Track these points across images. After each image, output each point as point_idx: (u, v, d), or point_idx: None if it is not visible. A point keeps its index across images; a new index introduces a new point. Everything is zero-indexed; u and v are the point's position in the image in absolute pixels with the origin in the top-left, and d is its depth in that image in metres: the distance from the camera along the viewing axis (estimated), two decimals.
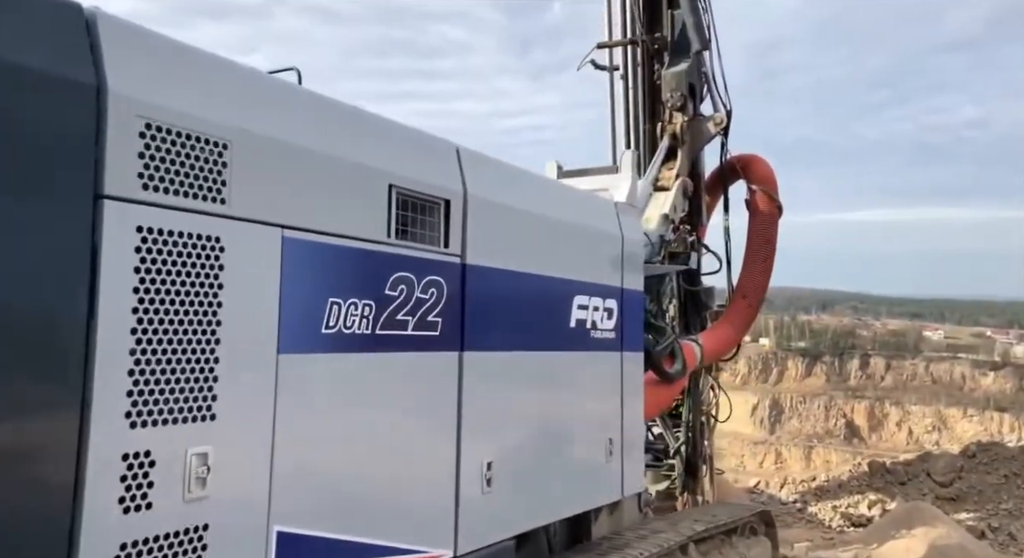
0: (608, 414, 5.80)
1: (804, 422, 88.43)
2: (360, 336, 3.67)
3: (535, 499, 4.96)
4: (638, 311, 6.31)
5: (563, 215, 5.36)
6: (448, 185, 4.32)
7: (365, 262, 3.73)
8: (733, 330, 9.37)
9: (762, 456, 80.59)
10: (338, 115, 3.79)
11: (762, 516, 8.49)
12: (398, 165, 3.98)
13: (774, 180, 10.63)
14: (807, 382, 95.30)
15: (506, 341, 4.71)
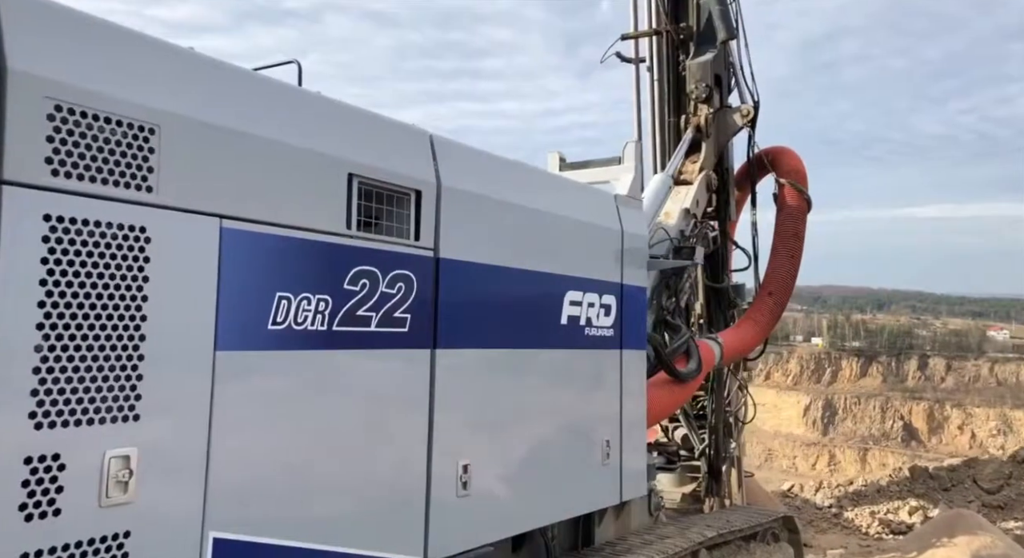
0: (605, 414, 5.58)
1: (859, 423, 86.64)
2: (314, 332, 3.52)
3: (520, 503, 4.76)
4: (640, 308, 6.08)
5: (553, 208, 5.16)
6: (419, 175, 4.15)
7: (320, 255, 3.57)
8: (757, 328, 9.06)
9: (815, 458, 79.17)
10: (290, 101, 3.63)
11: (785, 522, 8.18)
12: (360, 154, 3.82)
13: (804, 173, 10.28)
14: (862, 382, 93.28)
15: (486, 338, 4.53)
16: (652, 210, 8.61)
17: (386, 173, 3.93)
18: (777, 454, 78.30)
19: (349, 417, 3.70)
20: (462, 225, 4.38)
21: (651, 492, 7.12)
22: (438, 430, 4.15)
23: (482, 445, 4.49)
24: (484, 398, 4.53)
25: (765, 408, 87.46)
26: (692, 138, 9.97)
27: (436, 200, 4.21)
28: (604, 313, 5.57)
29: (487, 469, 4.49)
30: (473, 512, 4.38)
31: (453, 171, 4.37)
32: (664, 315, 8.00)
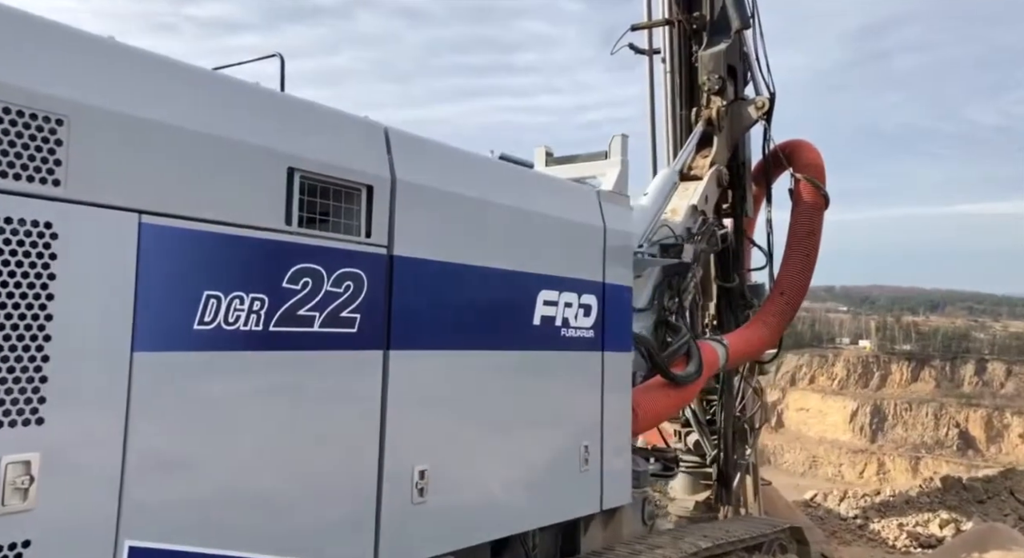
0: (583, 419, 5.47)
1: (910, 430, 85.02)
2: (247, 333, 3.46)
3: (486, 510, 4.68)
4: (625, 308, 5.96)
5: (525, 204, 5.06)
6: (371, 170, 4.08)
7: (254, 252, 3.51)
8: (767, 329, 8.87)
9: (862, 465, 77.91)
10: (223, 93, 3.58)
11: (793, 533, 8.00)
12: (302, 148, 3.76)
13: (821, 167, 10.06)
14: (913, 388, 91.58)
15: (447, 339, 4.45)
16: (655, 206, 8.49)
17: (332, 168, 3.87)
18: (822, 461, 77.23)
19: (287, 419, 3.64)
20: (420, 221, 4.31)
21: (645, 500, 7.01)
22: (391, 434, 4.09)
23: (443, 450, 4.41)
24: (445, 401, 4.45)
25: (809, 413, 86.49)
26: (703, 132, 9.81)
27: (390, 196, 4.15)
28: (583, 313, 5.47)
29: (448, 475, 4.41)
30: (431, 519, 4.30)
31: (410, 166, 4.30)
32: (666, 316, 7.88)
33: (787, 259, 9.49)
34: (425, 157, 4.48)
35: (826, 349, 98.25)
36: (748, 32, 10.36)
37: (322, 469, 3.79)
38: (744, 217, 10.78)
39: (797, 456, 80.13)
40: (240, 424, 3.46)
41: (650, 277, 8.03)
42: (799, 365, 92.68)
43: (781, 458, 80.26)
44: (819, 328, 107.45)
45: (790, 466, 77.34)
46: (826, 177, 10.03)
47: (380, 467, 4.03)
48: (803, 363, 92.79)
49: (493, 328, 4.75)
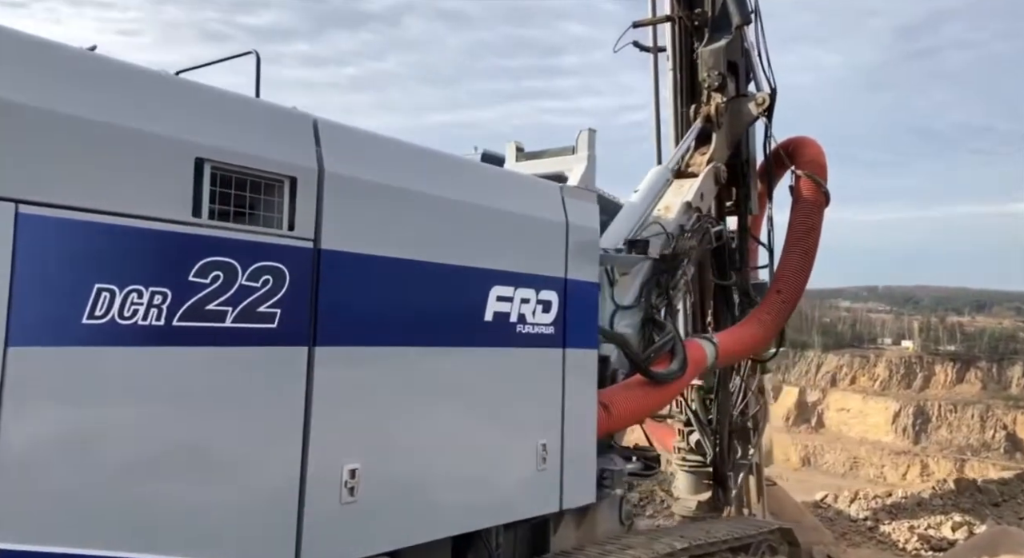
0: (541, 417, 5.28)
1: (955, 432, 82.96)
2: (147, 328, 3.33)
3: (426, 510, 4.50)
4: (590, 304, 5.76)
5: (476, 198, 4.89)
6: (295, 161, 3.94)
7: (156, 244, 3.38)
8: (761, 328, 8.58)
9: (905, 467, 76.14)
10: (120, 80, 3.44)
11: (784, 534, 7.72)
12: (214, 138, 3.63)
13: (823, 164, 9.75)
14: (958, 389, 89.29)
15: (384, 335, 4.29)
16: (645, 203, 8.27)
17: (249, 159, 3.74)
18: (863, 462, 75.63)
19: (194, 416, 3.52)
20: (352, 215, 4.16)
21: (623, 499, 6.81)
22: (316, 432, 3.94)
23: (377, 448, 4.25)
24: (381, 398, 4.28)
25: (850, 414, 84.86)
26: (701, 128, 9.57)
27: (317, 188, 4.01)
28: (542, 309, 5.28)
29: (383, 473, 4.25)
30: (362, 519, 4.14)
31: (341, 158, 4.15)
32: (653, 313, 7.66)
33: (785, 257, 9.20)
34: (359, 149, 4.33)
35: (867, 349, 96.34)
36: (750, 28, 10.15)
37: (235, 469, 3.65)
38: (749, 215, 10.52)
39: (838, 457, 78.55)
40: (140, 421, 3.34)
41: (638, 274, 7.82)
42: (839, 365, 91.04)
43: (821, 459, 78.81)
44: (860, 328, 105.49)
45: (830, 467, 75.89)
46: (827, 174, 9.72)
47: (303, 466, 3.89)
48: (844, 363, 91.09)
49: (437, 324, 4.58)
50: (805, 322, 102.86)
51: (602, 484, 6.37)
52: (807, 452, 79.85)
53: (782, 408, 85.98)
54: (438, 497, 4.56)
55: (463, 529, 4.74)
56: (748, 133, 10.33)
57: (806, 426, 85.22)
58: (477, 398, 4.83)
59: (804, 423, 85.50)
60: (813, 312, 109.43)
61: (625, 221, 7.97)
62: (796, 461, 78.73)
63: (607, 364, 7.05)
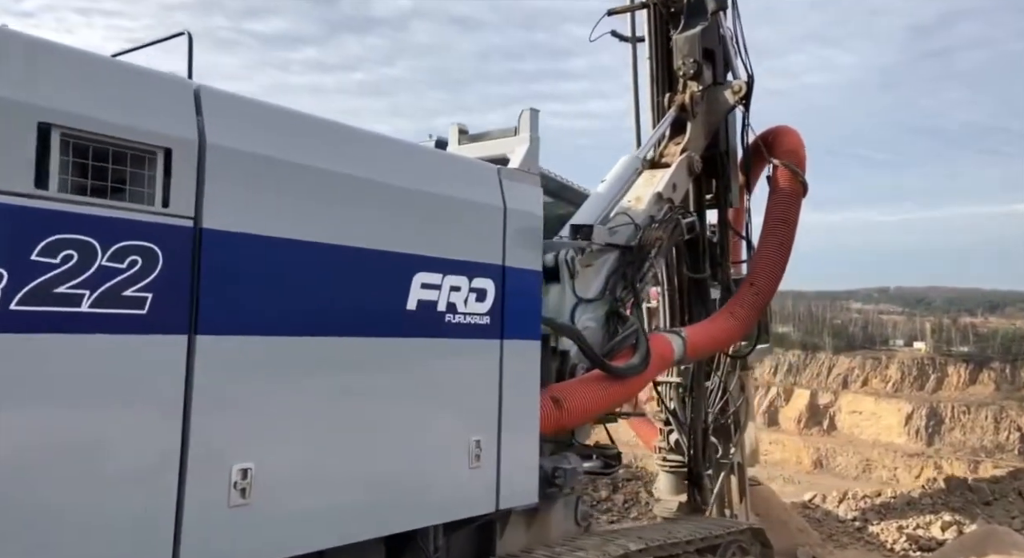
0: (474, 412, 4.86)
1: (969, 434, 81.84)
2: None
3: (333, 513, 4.09)
4: (531, 293, 5.35)
5: (395, 178, 4.48)
6: (169, 131, 3.55)
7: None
8: (735, 322, 8.13)
9: (919, 469, 74.99)
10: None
11: (755, 535, 7.27)
12: (65, 102, 3.24)
13: (801, 154, 9.32)
14: (972, 390, 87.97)
15: (280, 324, 3.88)
16: (611, 193, 7.87)
17: (112, 127, 3.36)
18: (876, 464, 74.54)
19: (40, 413, 3.13)
20: (241, 191, 3.77)
21: (579, 499, 6.39)
22: (198, 430, 3.53)
23: (275, 447, 3.85)
24: (279, 393, 3.87)
25: (862, 416, 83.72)
26: (675, 118, 9.16)
27: (198, 161, 3.62)
28: (476, 298, 4.88)
29: (282, 475, 3.85)
30: (255, 523, 3.74)
31: (228, 129, 3.76)
32: (617, 307, 7.26)
33: (760, 248, 8.77)
34: (251, 121, 3.92)
35: (879, 351, 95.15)
36: (727, 15, 9.79)
37: (96, 469, 3.26)
38: (730, 208, 10.12)
39: (850, 459, 77.50)
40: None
41: (603, 266, 7.43)
42: (851, 367, 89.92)
43: (833, 461, 77.81)
44: (872, 330, 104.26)
45: (843, 469, 74.90)
46: (805, 164, 9.29)
47: (182, 467, 3.49)
48: (855, 365, 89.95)
49: (347, 313, 4.16)
50: (816, 324, 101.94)
51: (553, 483, 5.97)
52: (819, 455, 78.87)
53: (793, 411, 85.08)
54: (347, 499, 4.15)
55: (378, 533, 4.32)
56: (728, 123, 9.92)
57: (818, 429, 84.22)
58: (396, 392, 4.41)
59: (816, 426, 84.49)
60: (824, 314, 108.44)
61: (589, 210, 7.57)
62: (808, 464, 77.81)
63: (567, 358, 6.66)
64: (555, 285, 6.92)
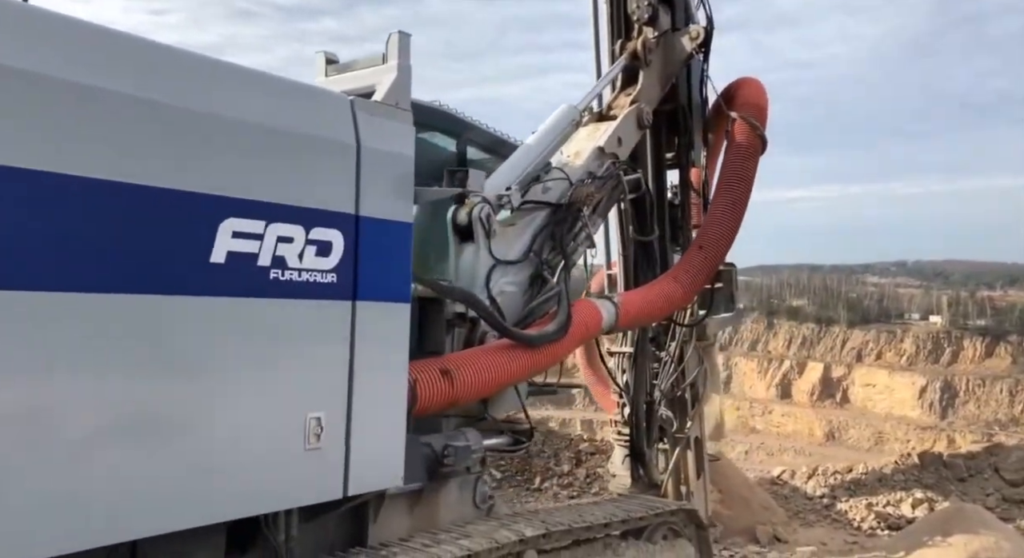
0: (312, 386, 4.11)
1: (983, 407, 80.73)
2: None
3: (110, 506, 3.36)
4: (399, 249, 4.58)
5: (194, 104, 3.68)
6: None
7: None
8: (678, 287, 7.30)
9: (931, 442, 73.88)
10: None
11: (689, 516, 6.51)
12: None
13: (762, 107, 8.46)
14: (988, 364, 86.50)
15: (40, 277, 3.15)
16: (541, 146, 7.07)
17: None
18: (888, 437, 73.58)
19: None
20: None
21: (478, 480, 5.67)
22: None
23: (29, 427, 3.11)
24: (26, 360, 3.14)
25: (876, 389, 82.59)
26: (626, 66, 8.33)
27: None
28: (316, 252, 4.10)
29: (41, 461, 3.11)
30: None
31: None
32: (543, 270, 6.50)
33: (711, 209, 7.95)
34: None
35: (894, 325, 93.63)
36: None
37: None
38: (690, 167, 9.31)
39: (862, 432, 76.62)
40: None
41: (529, 225, 6.67)
42: (866, 341, 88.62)
43: (845, 434, 77.00)
44: (888, 304, 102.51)
45: (855, 442, 74.09)
46: (767, 117, 8.43)
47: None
48: (870, 339, 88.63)
49: (125, 264, 3.40)
50: (831, 298, 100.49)
51: (443, 463, 5.25)
52: (831, 427, 78.05)
53: (807, 383, 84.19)
54: (126, 491, 3.41)
55: (170, 527, 3.57)
56: (689, 75, 9.08)
57: (831, 401, 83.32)
58: (194, 360, 3.64)
59: (829, 398, 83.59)
60: (840, 287, 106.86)
61: (514, 165, 6.79)
62: (820, 436, 77.07)
63: (476, 325, 5.93)
64: (469, 245, 6.16)
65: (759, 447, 73.89)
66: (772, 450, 71.36)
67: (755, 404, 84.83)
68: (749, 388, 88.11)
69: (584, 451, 12.14)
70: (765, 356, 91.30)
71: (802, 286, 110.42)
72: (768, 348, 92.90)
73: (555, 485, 11.48)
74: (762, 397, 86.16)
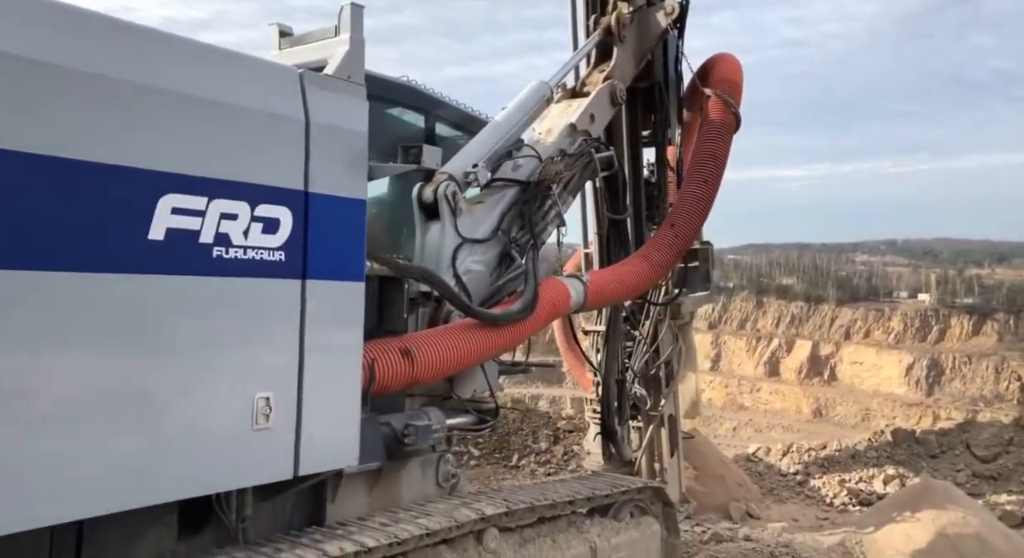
0: (260, 366, 4.00)
1: (969, 384, 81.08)
2: None
3: (43, 487, 3.24)
4: (352, 226, 4.46)
5: (132, 75, 3.54)
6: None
7: None
8: (648, 265, 7.20)
9: (917, 418, 74.29)
10: None
11: (656, 493, 6.46)
12: None
13: (738, 84, 8.32)
14: (974, 341, 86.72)
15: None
16: (510, 123, 6.94)
17: None
18: (875, 414, 73.90)
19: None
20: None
21: (441, 459, 5.60)
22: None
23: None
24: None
25: (863, 367, 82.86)
26: (600, 42, 8.19)
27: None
28: (263, 229, 3.99)
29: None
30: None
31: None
32: (511, 248, 6.40)
33: (684, 186, 7.84)
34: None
35: (883, 303, 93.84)
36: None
37: None
38: (666, 145, 9.19)
39: (849, 409, 77.00)
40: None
41: (497, 203, 6.56)
42: (854, 319, 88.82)
43: (833, 411, 77.40)
44: (876, 282, 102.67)
45: (842, 418, 74.49)
46: (741, 94, 8.30)
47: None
48: (858, 317, 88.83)
49: (56, 242, 3.29)
50: (821, 276, 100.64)
51: (404, 442, 5.17)
52: (819, 404, 78.44)
53: (795, 361, 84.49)
54: (74, 467, 3.31)
55: (114, 508, 3.48)
56: (665, 52, 8.94)
57: (819, 379, 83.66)
58: (136, 339, 3.53)
59: (817, 376, 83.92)
60: (829, 266, 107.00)
61: (482, 141, 6.66)
62: (808, 413, 77.48)
63: (441, 304, 5.83)
64: (435, 223, 6.06)
65: (747, 424, 74.28)
66: (760, 427, 71.74)
67: (743, 382, 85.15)
68: (738, 366, 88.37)
69: (562, 429, 12.11)
70: (754, 334, 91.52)
71: (792, 265, 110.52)
72: (757, 326, 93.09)
73: (533, 463, 11.47)
74: (750, 375, 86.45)
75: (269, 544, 4.24)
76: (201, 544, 4.32)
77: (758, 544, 7.78)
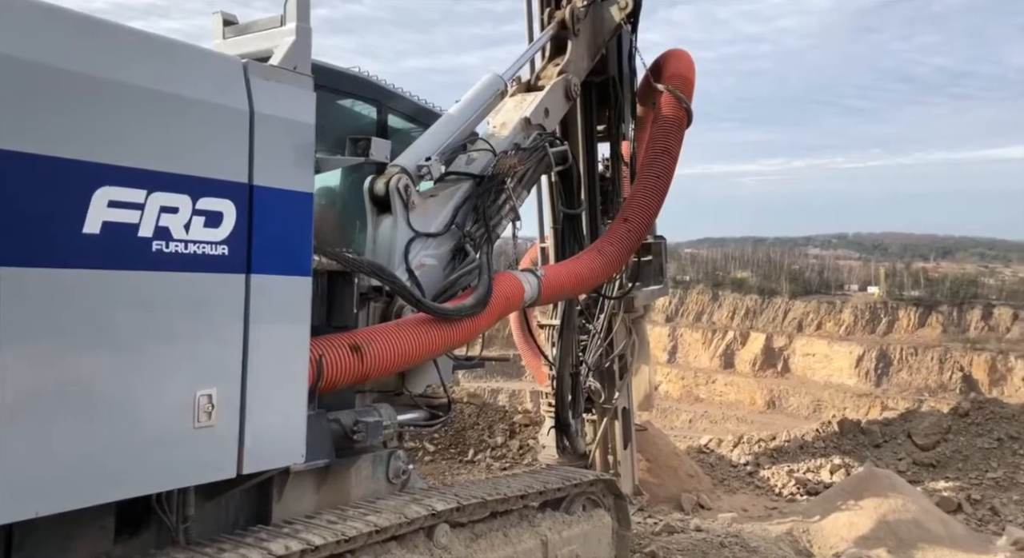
0: (202, 362, 3.88)
1: (915, 375, 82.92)
2: None
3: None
4: (298, 219, 4.35)
5: (64, 63, 3.41)
6: None
7: None
8: (601, 260, 7.17)
9: (866, 408, 75.73)
10: None
11: (608, 486, 6.44)
12: None
13: (690, 80, 8.32)
14: (920, 333, 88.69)
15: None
16: (464, 116, 6.85)
17: None
18: (826, 405, 75.19)
19: None
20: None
21: (391, 455, 5.51)
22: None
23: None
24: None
25: (815, 358, 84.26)
26: (554, 36, 8.13)
27: None
28: (205, 223, 3.86)
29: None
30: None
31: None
32: (465, 242, 6.31)
33: (637, 181, 7.82)
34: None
35: (834, 296, 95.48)
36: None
37: None
38: (621, 140, 9.17)
39: (802, 400, 78.28)
40: None
41: (451, 197, 6.47)
42: (806, 312, 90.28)
43: (786, 402, 78.63)
44: (828, 275, 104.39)
45: (794, 410, 75.70)
46: (693, 89, 8.30)
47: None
48: (810, 310, 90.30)
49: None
50: (774, 269, 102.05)
51: (353, 439, 5.08)
52: (772, 396, 79.61)
53: (749, 354, 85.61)
54: (2, 469, 3.18)
55: (46, 511, 3.34)
56: (620, 47, 8.91)
57: (772, 371, 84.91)
58: (71, 335, 3.40)
59: (770, 368, 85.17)
60: (782, 259, 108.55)
61: (435, 134, 6.56)
62: (762, 404, 78.62)
63: (393, 299, 5.74)
64: (387, 217, 5.96)
65: (703, 415, 75.09)
66: (715, 418, 72.59)
67: (699, 374, 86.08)
68: (694, 358, 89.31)
69: (519, 423, 12.08)
70: (710, 327, 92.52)
71: (746, 258, 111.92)
72: (713, 319, 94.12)
73: (488, 457, 11.42)
74: (706, 367, 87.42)
75: (212, 544, 4.13)
76: (140, 546, 4.20)
77: (708, 534, 7.83)
